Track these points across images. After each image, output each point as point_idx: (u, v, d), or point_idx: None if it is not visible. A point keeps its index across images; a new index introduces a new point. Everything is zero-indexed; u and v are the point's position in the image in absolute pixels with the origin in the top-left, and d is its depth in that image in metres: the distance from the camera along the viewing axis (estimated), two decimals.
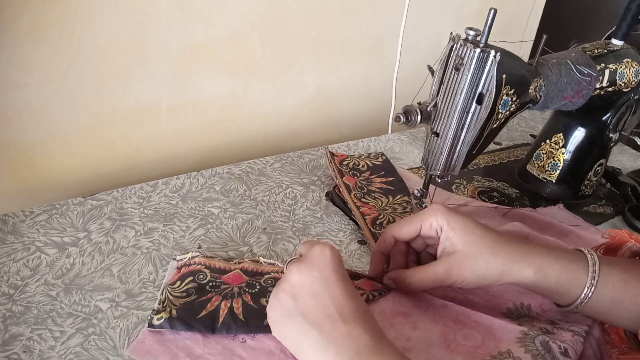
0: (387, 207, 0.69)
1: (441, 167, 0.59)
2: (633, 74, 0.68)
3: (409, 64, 0.95)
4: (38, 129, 0.68)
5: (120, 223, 0.62)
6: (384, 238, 0.54)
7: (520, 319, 0.53)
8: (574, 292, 0.48)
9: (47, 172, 0.72)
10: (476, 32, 0.52)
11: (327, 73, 0.94)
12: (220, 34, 0.77)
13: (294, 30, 0.85)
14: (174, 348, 0.46)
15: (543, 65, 0.61)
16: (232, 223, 0.65)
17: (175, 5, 0.71)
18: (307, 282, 0.42)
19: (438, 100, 0.56)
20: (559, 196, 0.76)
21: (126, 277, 0.54)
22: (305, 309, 0.41)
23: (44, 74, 0.65)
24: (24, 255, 0.55)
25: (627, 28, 0.68)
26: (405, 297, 0.54)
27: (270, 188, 0.73)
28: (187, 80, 0.78)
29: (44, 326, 0.48)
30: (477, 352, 0.48)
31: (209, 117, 0.83)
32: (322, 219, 0.67)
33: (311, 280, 0.42)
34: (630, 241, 0.53)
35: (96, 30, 0.66)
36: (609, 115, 0.72)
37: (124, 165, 0.79)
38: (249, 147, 0.91)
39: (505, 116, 0.58)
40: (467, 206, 0.71)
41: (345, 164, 0.77)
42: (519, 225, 0.64)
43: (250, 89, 0.86)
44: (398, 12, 0.91)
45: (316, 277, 0.43)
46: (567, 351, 0.46)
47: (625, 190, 0.78)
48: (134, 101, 0.74)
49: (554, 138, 0.76)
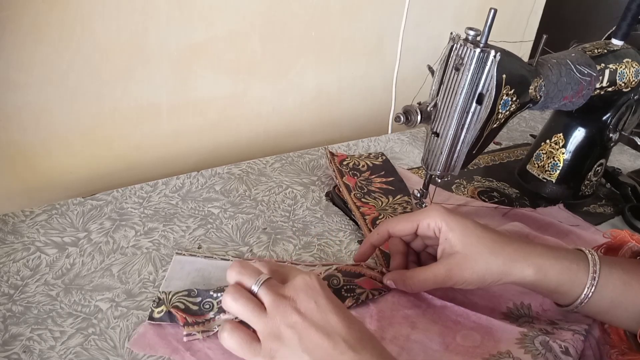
0: (387, 207, 0.69)
1: (441, 167, 0.59)
2: (633, 74, 0.68)
3: (409, 64, 0.95)
4: (38, 129, 0.68)
5: (120, 223, 0.62)
6: (378, 231, 0.55)
7: (520, 319, 0.53)
8: (574, 291, 0.48)
9: (47, 172, 0.72)
10: (476, 32, 0.52)
11: (327, 73, 0.94)
12: (220, 34, 0.77)
13: (294, 30, 0.85)
14: (174, 342, 0.47)
15: (543, 65, 0.61)
16: (232, 223, 0.65)
17: (175, 5, 0.71)
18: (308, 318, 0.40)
19: (438, 100, 0.56)
20: (559, 196, 0.76)
21: (126, 277, 0.54)
22: (311, 345, 0.39)
23: (44, 74, 0.65)
24: (24, 255, 0.55)
25: (627, 28, 0.68)
26: (405, 297, 0.54)
27: (270, 188, 0.73)
28: (187, 80, 0.78)
29: (44, 326, 0.48)
30: (476, 352, 0.48)
31: (209, 117, 0.83)
32: (322, 219, 0.67)
33: (311, 315, 0.40)
34: (631, 242, 0.53)
35: (96, 30, 0.66)
36: (609, 115, 0.72)
37: (124, 165, 0.79)
38: (249, 147, 0.91)
39: (505, 116, 0.58)
40: (467, 206, 0.71)
41: (345, 164, 0.77)
42: (519, 225, 0.64)
43: (250, 89, 0.86)
44: (398, 12, 0.91)
45: (315, 310, 0.40)
46: (568, 350, 0.46)
47: (625, 190, 0.78)
48: (134, 101, 0.74)
49: (554, 138, 0.76)
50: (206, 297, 0.50)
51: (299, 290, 0.41)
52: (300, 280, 0.42)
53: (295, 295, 0.41)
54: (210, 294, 0.50)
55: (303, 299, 0.41)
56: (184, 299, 0.49)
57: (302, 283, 0.42)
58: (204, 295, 0.50)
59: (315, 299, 0.41)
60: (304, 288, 0.41)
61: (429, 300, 0.53)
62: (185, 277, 0.55)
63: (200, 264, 0.56)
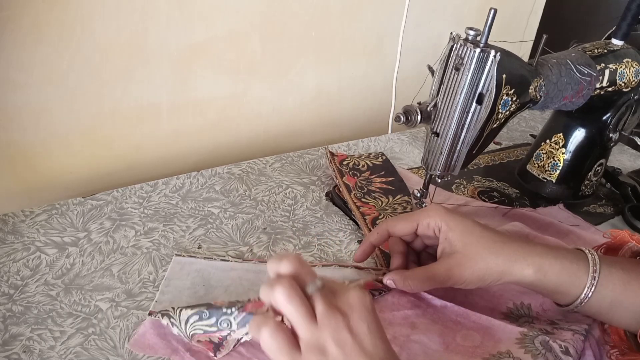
0: (387, 207, 0.69)
1: (441, 167, 0.59)
2: (633, 73, 0.68)
3: (409, 64, 0.95)
4: (38, 129, 0.68)
5: (120, 223, 0.62)
6: (378, 230, 0.55)
7: (520, 319, 0.53)
8: (574, 291, 0.48)
9: (47, 172, 0.72)
10: (476, 32, 0.52)
11: (327, 73, 0.94)
12: (220, 34, 0.77)
13: (294, 30, 0.85)
14: (174, 342, 0.47)
15: (543, 65, 0.61)
16: (232, 223, 0.65)
17: (175, 5, 0.71)
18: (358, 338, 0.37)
19: (438, 100, 0.56)
20: (559, 196, 0.76)
21: (126, 277, 0.54)
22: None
23: (44, 74, 0.65)
24: (24, 255, 0.55)
25: (627, 28, 0.68)
26: (405, 297, 0.54)
27: (270, 188, 0.73)
28: (187, 80, 0.78)
29: (44, 326, 0.48)
30: (476, 352, 0.48)
31: (209, 117, 0.83)
32: (322, 219, 0.67)
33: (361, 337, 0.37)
34: (631, 242, 0.53)
35: (96, 30, 0.66)
36: (609, 115, 0.72)
37: (124, 165, 0.79)
38: (249, 147, 0.91)
39: (505, 116, 0.58)
40: (467, 206, 0.71)
41: (345, 163, 0.77)
42: (519, 225, 0.64)
43: (250, 89, 0.86)
44: (398, 12, 0.91)
45: (365, 333, 0.37)
46: (568, 350, 0.46)
47: (625, 190, 0.78)
48: (134, 101, 0.74)
49: (554, 138, 0.76)
50: (221, 316, 0.46)
51: (355, 308, 0.38)
52: (356, 297, 0.39)
53: (350, 312, 0.38)
54: (223, 311, 0.46)
55: (357, 319, 0.38)
56: (198, 325, 0.46)
57: (359, 301, 0.39)
58: (218, 314, 0.47)
59: (368, 321, 0.38)
60: (360, 307, 0.39)
61: (429, 300, 0.53)
62: (185, 277, 0.55)
63: (200, 265, 0.56)
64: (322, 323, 0.37)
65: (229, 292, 0.53)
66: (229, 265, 0.57)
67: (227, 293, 0.53)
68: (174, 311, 0.47)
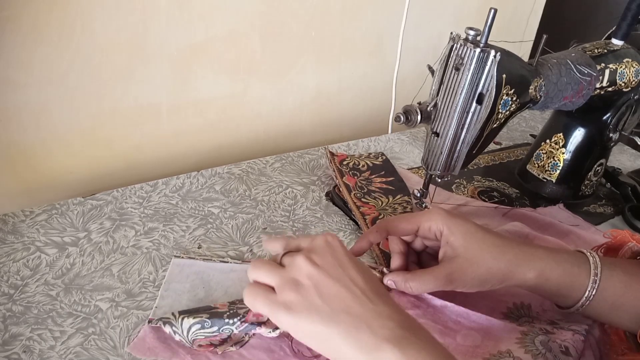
0: (387, 207, 0.69)
1: (441, 167, 0.59)
2: (633, 73, 0.68)
3: (409, 64, 0.95)
4: (38, 129, 0.68)
5: (120, 223, 0.62)
6: (377, 228, 0.53)
7: (521, 319, 0.53)
8: (575, 294, 0.48)
9: (47, 172, 0.72)
10: (476, 32, 0.52)
11: (327, 73, 0.94)
12: (220, 34, 0.77)
13: (294, 30, 0.85)
14: (174, 345, 0.46)
15: (543, 65, 0.61)
16: (232, 223, 0.65)
17: (175, 5, 0.71)
18: (325, 270, 0.40)
19: (438, 100, 0.56)
20: (559, 196, 0.76)
21: (126, 277, 0.54)
22: (330, 295, 0.39)
23: (44, 74, 0.65)
24: (24, 255, 0.55)
25: (627, 28, 0.68)
26: (404, 297, 0.54)
27: (270, 188, 0.73)
28: (187, 80, 0.78)
29: (44, 326, 0.48)
30: (477, 351, 0.48)
31: (209, 117, 0.83)
32: (322, 219, 0.67)
33: (328, 267, 0.40)
34: (632, 242, 0.53)
35: (96, 30, 0.66)
36: (609, 115, 0.72)
37: (124, 165, 0.79)
38: (249, 147, 0.91)
39: (505, 116, 0.58)
40: (467, 206, 0.71)
41: (345, 163, 0.77)
42: (519, 225, 0.64)
43: (250, 89, 0.86)
44: (398, 12, 0.91)
45: (332, 264, 0.41)
46: (568, 350, 0.46)
47: (625, 190, 0.78)
48: (134, 101, 0.74)
49: (554, 138, 0.76)
50: (223, 325, 0.47)
51: (318, 246, 0.41)
52: (320, 238, 0.42)
53: (313, 249, 0.41)
54: (225, 321, 0.47)
55: (321, 254, 0.41)
56: (200, 332, 0.47)
57: (323, 241, 0.42)
58: (219, 323, 0.47)
59: (334, 255, 0.41)
60: (324, 245, 0.42)
61: (428, 300, 0.53)
62: (184, 280, 0.54)
63: (199, 267, 0.56)
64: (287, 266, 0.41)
65: (229, 294, 0.53)
66: (228, 267, 0.57)
67: (227, 295, 0.53)
68: (175, 319, 0.47)
